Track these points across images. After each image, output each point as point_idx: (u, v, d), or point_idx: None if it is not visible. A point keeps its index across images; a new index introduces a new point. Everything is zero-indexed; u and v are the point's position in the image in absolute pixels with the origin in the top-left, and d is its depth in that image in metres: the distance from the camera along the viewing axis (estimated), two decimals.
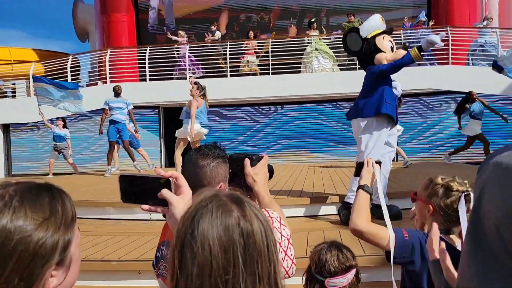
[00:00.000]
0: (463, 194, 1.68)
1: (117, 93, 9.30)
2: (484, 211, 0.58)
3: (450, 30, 11.57)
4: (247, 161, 1.61)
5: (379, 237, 1.77)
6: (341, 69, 12.15)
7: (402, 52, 4.63)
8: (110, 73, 12.48)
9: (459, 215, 1.63)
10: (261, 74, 12.33)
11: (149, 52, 12.57)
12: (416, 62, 4.77)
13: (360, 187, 1.87)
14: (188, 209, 0.83)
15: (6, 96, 14.14)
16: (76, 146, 11.91)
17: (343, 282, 1.72)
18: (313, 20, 13.26)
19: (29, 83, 12.62)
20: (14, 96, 14.22)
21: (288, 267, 1.40)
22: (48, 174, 10.37)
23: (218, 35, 13.52)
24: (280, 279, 0.81)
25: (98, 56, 13.55)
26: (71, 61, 12.86)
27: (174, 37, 13.16)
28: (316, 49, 12.00)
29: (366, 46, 4.77)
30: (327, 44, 12.45)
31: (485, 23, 11.94)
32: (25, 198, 0.78)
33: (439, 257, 1.35)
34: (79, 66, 13.86)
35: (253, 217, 0.81)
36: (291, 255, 1.42)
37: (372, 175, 1.91)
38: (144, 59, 12.58)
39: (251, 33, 13.14)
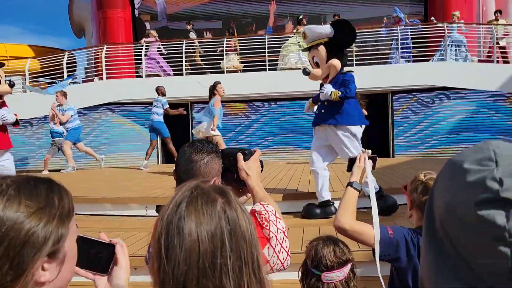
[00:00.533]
0: None
1: (163, 94, 9.57)
2: (434, 206, 0.60)
3: (446, 27, 11.60)
4: (240, 156, 1.62)
5: (363, 234, 1.78)
6: None
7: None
8: (107, 69, 12.44)
9: None
10: (256, 70, 12.24)
11: (146, 48, 12.55)
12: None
13: (349, 184, 1.88)
14: (172, 200, 0.83)
15: None
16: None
17: (339, 276, 1.73)
18: (301, 17, 13.19)
19: (25, 80, 12.56)
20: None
21: (283, 259, 1.43)
22: (43, 170, 10.34)
23: (192, 35, 13.46)
24: (262, 265, 0.84)
25: (94, 52, 13.50)
26: (67, 57, 12.81)
27: (143, 40, 13.18)
28: (299, 44, 11.88)
29: None
30: None
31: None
32: (22, 188, 0.80)
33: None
34: (75, 62, 13.80)
35: (237, 206, 0.84)
36: (287, 247, 1.45)
37: (362, 171, 1.91)
38: (141, 55, 12.56)
39: (227, 33, 13.27)
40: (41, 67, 13.22)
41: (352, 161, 1.95)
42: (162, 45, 12.92)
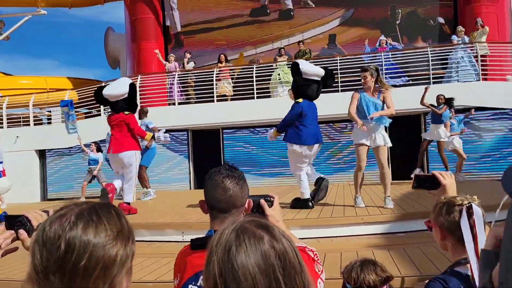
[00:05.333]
0: (465, 206, 1.54)
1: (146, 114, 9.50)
2: None
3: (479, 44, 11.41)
4: (265, 204, 1.58)
5: None
6: None
7: None
8: (141, 98, 12.82)
9: (462, 230, 1.45)
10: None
11: (178, 77, 12.92)
12: None
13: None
14: (217, 244, 0.86)
15: (41, 123, 14.69)
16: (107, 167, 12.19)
17: None
18: (282, 47, 13.82)
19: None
20: (49, 123, 14.75)
21: None
22: (80, 198, 10.64)
23: (191, 65, 13.61)
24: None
25: None
26: None
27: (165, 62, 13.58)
28: (279, 75, 12.24)
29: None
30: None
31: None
32: (101, 213, 0.90)
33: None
34: None
35: (281, 237, 0.88)
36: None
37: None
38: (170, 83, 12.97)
39: (222, 57, 13.19)
40: (79, 98, 13.74)
41: (420, 180, 1.78)
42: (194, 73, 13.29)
